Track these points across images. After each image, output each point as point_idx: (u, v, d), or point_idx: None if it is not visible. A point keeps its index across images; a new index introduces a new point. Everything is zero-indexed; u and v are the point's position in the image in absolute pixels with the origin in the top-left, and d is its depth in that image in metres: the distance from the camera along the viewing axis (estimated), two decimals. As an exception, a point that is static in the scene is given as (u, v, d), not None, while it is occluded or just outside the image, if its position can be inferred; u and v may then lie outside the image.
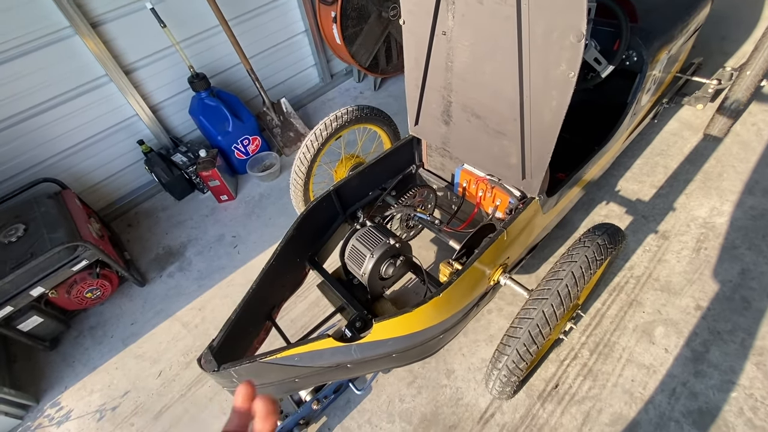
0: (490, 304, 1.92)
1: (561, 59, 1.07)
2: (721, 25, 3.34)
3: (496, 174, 1.55)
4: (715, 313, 1.74)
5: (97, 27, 2.20)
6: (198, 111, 2.60)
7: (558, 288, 1.10)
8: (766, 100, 2.61)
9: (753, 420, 1.46)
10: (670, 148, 2.46)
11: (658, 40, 1.87)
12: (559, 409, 1.57)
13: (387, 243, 1.43)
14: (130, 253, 2.44)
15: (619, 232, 1.31)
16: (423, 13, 1.33)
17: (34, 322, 1.94)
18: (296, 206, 1.97)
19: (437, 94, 1.51)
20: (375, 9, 2.94)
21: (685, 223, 2.07)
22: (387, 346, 1.33)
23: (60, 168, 2.41)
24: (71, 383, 1.94)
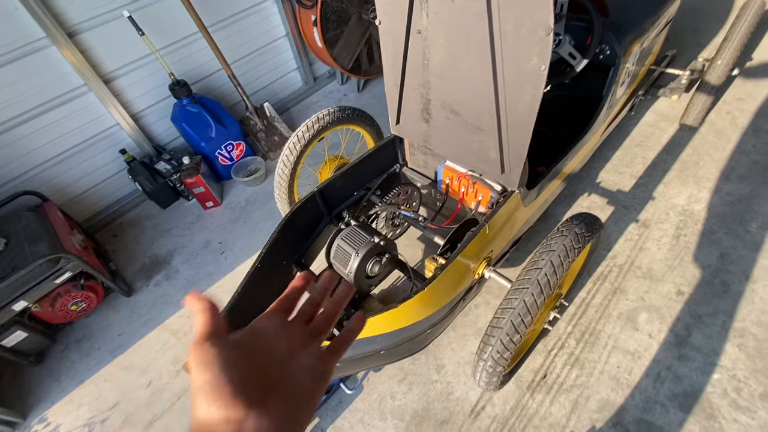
0: (477, 298, 1.94)
1: (532, 53, 1.09)
2: (694, 17, 3.43)
3: (476, 169, 1.57)
4: (696, 298, 1.78)
5: (74, 36, 2.18)
6: (180, 118, 2.59)
7: (537, 277, 1.13)
8: (739, 89, 2.68)
9: (737, 400, 1.50)
10: (647, 139, 2.51)
11: (630, 33, 1.92)
12: (548, 399, 1.59)
13: (372, 241, 1.44)
14: (116, 263, 2.41)
15: (596, 221, 1.33)
16: (398, 12, 1.34)
17: (18, 337, 1.91)
18: (282, 209, 1.97)
19: (416, 92, 1.52)
20: (355, 11, 2.96)
21: (665, 211, 2.11)
22: (375, 344, 1.34)
23: (41, 180, 2.37)
24: (58, 398, 1.91)
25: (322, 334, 0.48)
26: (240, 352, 0.40)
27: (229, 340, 0.41)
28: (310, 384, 0.42)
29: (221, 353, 0.38)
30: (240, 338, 0.42)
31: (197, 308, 0.42)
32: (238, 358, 0.39)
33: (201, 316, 0.42)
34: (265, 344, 0.43)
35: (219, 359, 0.38)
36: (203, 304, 0.43)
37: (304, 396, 0.41)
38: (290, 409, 0.39)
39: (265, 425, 0.37)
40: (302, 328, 0.47)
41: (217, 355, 0.38)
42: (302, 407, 0.41)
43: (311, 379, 0.43)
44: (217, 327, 0.41)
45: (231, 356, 0.39)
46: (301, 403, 0.41)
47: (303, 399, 0.41)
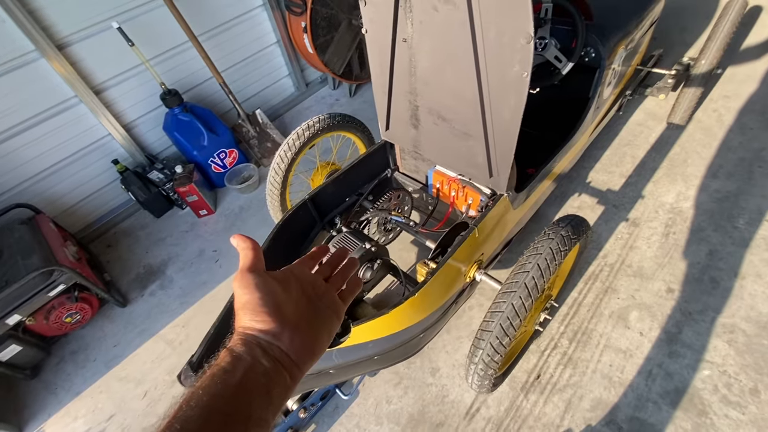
0: (471, 300, 1.95)
1: (514, 61, 1.11)
2: (680, 16, 3.47)
3: (465, 174, 1.59)
4: (685, 295, 1.80)
5: (63, 49, 2.18)
6: (172, 127, 2.60)
7: (525, 280, 1.14)
8: (725, 87, 2.72)
9: (728, 396, 1.52)
10: (636, 138, 2.54)
11: (614, 36, 1.94)
12: (542, 399, 1.61)
13: (363, 247, 1.45)
14: (111, 273, 2.41)
15: (583, 223, 1.35)
16: (383, 21, 1.36)
17: (13, 351, 1.90)
18: (274, 217, 1.98)
19: (404, 99, 1.54)
20: (345, 17, 2.98)
21: (654, 209, 2.14)
22: (368, 349, 1.35)
23: (33, 192, 2.37)
24: (54, 411, 1.91)
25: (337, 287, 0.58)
26: (277, 283, 0.49)
27: (268, 273, 0.49)
28: (329, 320, 0.52)
29: (262, 282, 0.47)
30: (277, 274, 0.51)
31: (242, 246, 0.50)
32: (276, 288, 0.48)
33: (246, 252, 0.50)
34: (297, 283, 0.52)
35: (261, 286, 0.47)
36: (247, 243, 0.50)
37: (326, 324, 0.52)
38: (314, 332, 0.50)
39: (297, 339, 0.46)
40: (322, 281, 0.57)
41: (259, 283, 0.47)
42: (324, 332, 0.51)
43: (329, 317, 0.53)
44: (259, 263, 0.50)
45: (270, 285, 0.48)
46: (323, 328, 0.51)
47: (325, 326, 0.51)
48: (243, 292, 0.46)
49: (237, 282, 0.47)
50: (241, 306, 0.46)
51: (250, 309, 0.45)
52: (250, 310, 0.45)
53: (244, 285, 0.47)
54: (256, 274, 0.48)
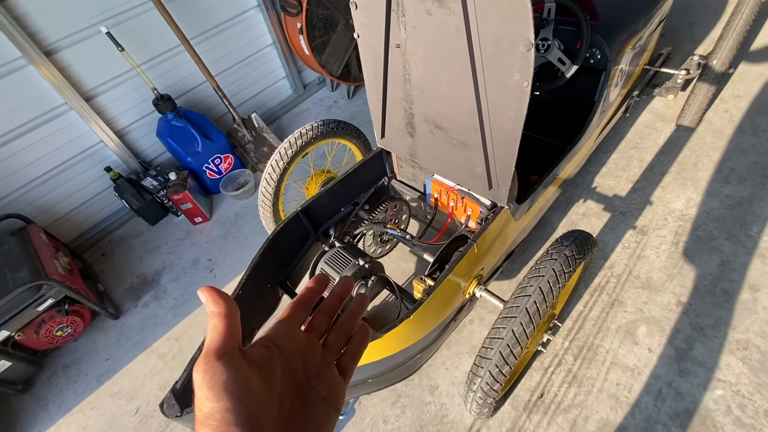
0: (471, 314, 1.88)
1: (513, 69, 1.03)
2: (689, 12, 3.36)
3: (464, 184, 1.51)
4: (696, 308, 1.72)
5: (51, 55, 2.13)
6: (165, 133, 2.54)
7: (526, 305, 1.07)
8: (736, 87, 2.61)
9: (741, 418, 1.44)
10: (644, 141, 2.45)
11: (621, 35, 1.85)
12: (546, 420, 1.54)
13: (356, 264, 1.39)
14: (104, 284, 2.36)
15: (589, 240, 1.28)
16: (375, 26, 1.29)
17: (2, 366, 1.86)
18: (267, 228, 1.92)
19: (399, 106, 1.47)
20: (342, 17, 2.90)
21: (663, 216, 2.05)
22: (362, 372, 1.29)
23: (24, 202, 2.33)
24: (46, 427, 1.86)
25: (336, 353, 0.44)
26: (257, 374, 0.34)
27: (245, 358, 0.35)
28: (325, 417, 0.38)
29: (238, 377, 0.32)
30: (258, 355, 0.36)
31: (213, 311, 0.35)
32: (253, 383, 0.33)
33: (218, 323, 0.35)
34: (282, 366, 0.38)
35: (235, 385, 0.32)
36: (220, 306, 0.36)
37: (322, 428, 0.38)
38: None
39: None
40: (318, 348, 0.42)
41: (230, 380, 0.32)
42: None
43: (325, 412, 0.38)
44: (233, 339, 0.35)
45: (245, 380, 0.33)
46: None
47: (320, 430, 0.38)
48: (206, 394, 0.31)
49: (200, 374, 0.32)
50: (206, 416, 0.31)
51: (218, 422, 0.30)
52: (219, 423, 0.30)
53: (208, 383, 0.32)
54: (227, 362, 0.33)
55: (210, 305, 0.36)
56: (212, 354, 0.33)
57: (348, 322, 0.46)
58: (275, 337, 0.39)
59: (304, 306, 0.44)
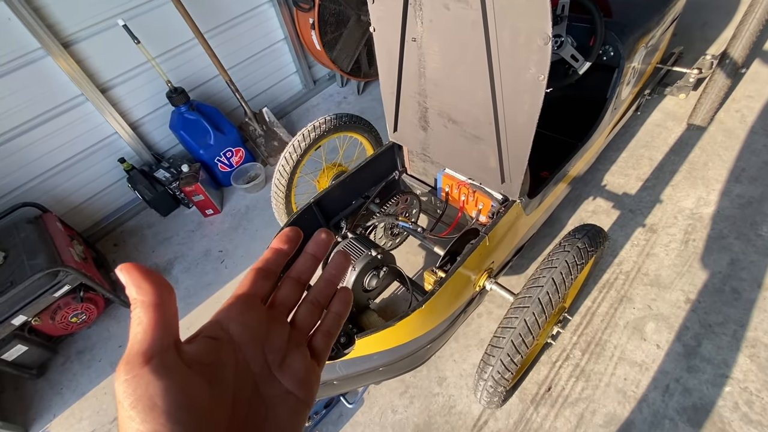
0: (480, 308, 1.90)
1: (530, 62, 1.05)
2: (701, 11, 3.34)
3: (476, 178, 1.53)
4: (705, 306, 1.72)
5: (69, 47, 2.16)
6: (178, 126, 2.57)
7: (539, 296, 1.08)
8: (748, 87, 2.60)
9: (749, 414, 1.45)
10: (654, 140, 2.45)
11: (634, 33, 1.85)
12: (553, 413, 1.55)
13: (369, 255, 1.41)
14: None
15: (601, 233, 1.29)
16: (392, 19, 1.30)
17: (19, 350, 1.90)
18: (279, 220, 1.94)
19: (413, 100, 1.48)
20: (353, 13, 2.92)
21: (673, 215, 2.05)
22: (372, 361, 1.31)
23: (40, 191, 2.37)
24: (60, 411, 1.91)
25: (308, 331, 0.35)
26: (200, 377, 0.26)
27: (183, 359, 0.27)
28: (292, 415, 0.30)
29: (172, 387, 0.25)
30: (199, 353, 0.28)
31: (137, 300, 0.26)
32: (197, 392, 0.26)
33: (143, 315, 0.26)
34: (236, 359, 0.30)
35: (168, 397, 0.24)
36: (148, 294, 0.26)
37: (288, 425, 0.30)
38: None
39: None
40: (283, 328, 0.33)
41: (165, 391, 0.24)
42: None
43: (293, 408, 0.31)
44: (167, 336, 0.26)
45: (186, 390, 0.25)
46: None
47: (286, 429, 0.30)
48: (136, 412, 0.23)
49: (121, 385, 0.24)
50: None
51: None
52: None
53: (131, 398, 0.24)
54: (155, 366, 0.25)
55: (132, 290, 0.26)
56: (136, 357, 0.25)
57: (324, 290, 0.37)
58: (226, 321, 0.31)
59: (267, 274, 0.34)
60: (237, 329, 0.31)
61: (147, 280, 0.27)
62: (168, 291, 0.27)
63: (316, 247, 0.37)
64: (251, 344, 0.31)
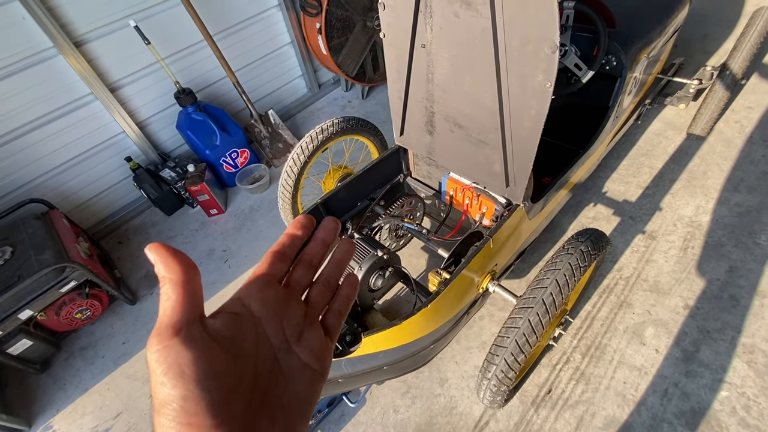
0: (481, 311, 1.92)
1: (537, 70, 1.08)
2: (702, 23, 3.39)
3: (480, 182, 1.56)
4: (704, 312, 1.75)
5: (80, 46, 2.19)
6: (185, 126, 2.60)
7: (543, 296, 1.11)
8: (748, 98, 2.64)
9: (746, 419, 1.47)
10: (654, 148, 2.49)
11: (637, 43, 1.90)
12: (553, 415, 1.57)
13: (375, 255, 1.43)
14: (121, 270, 2.42)
15: (603, 237, 1.32)
16: (402, 26, 1.34)
17: (24, 345, 1.92)
18: (285, 220, 1.97)
19: (420, 105, 1.52)
20: (360, 19, 2.96)
21: (672, 222, 2.09)
22: (377, 359, 1.33)
23: (47, 188, 2.39)
24: (63, 406, 1.92)
25: (321, 309, 0.38)
26: (223, 350, 0.29)
27: (208, 332, 0.29)
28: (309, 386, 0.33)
29: (199, 357, 0.27)
30: (223, 326, 0.31)
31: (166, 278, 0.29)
32: (221, 362, 0.28)
33: (171, 291, 0.29)
34: (256, 333, 0.32)
35: (195, 367, 0.27)
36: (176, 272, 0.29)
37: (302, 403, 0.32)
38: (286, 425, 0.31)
39: None
40: (299, 306, 0.36)
41: (193, 360, 0.27)
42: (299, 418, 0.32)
43: (310, 379, 0.34)
44: (194, 310, 0.29)
45: (211, 360, 0.28)
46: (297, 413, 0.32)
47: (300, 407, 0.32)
48: (161, 379, 0.26)
49: (153, 355, 0.27)
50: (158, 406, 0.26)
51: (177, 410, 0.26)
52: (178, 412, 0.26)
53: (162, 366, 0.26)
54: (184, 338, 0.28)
55: (160, 268, 0.29)
56: (166, 330, 0.28)
57: (333, 272, 0.40)
58: (247, 298, 0.34)
59: (283, 257, 0.37)
60: (257, 305, 0.33)
61: (175, 259, 0.29)
62: (193, 270, 0.30)
63: (325, 234, 0.40)
64: (271, 319, 0.34)
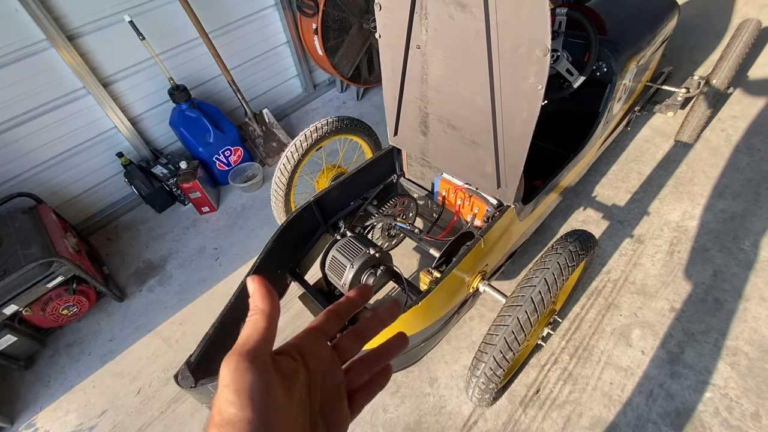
0: (472, 311, 1.93)
1: (529, 72, 1.10)
2: (691, 34, 3.48)
3: (473, 183, 1.58)
4: (689, 315, 1.78)
5: (74, 40, 2.18)
6: (178, 123, 2.59)
7: (531, 295, 1.13)
8: (734, 107, 2.71)
9: (729, 420, 1.50)
10: (643, 155, 2.54)
11: (627, 51, 1.94)
12: (541, 414, 1.59)
13: (367, 253, 1.44)
14: (109, 267, 2.39)
15: (591, 239, 1.34)
16: (398, 27, 1.35)
17: (8, 341, 1.88)
18: (278, 218, 1.97)
19: (414, 105, 1.53)
20: (356, 21, 2.98)
21: (659, 227, 2.13)
22: (367, 357, 1.34)
23: (36, 182, 2.36)
24: (47, 403, 1.88)
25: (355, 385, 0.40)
26: (280, 387, 0.32)
27: (275, 366, 0.33)
28: None
29: (265, 387, 0.31)
30: (284, 365, 0.34)
31: (259, 308, 0.34)
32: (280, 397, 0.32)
33: (260, 321, 0.33)
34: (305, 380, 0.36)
35: (261, 395, 0.30)
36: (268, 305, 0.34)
37: None
38: None
39: None
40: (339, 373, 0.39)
41: (260, 388, 0.30)
42: None
43: None
44: (270, 344, 0.33)
45: (274, 393, 0.31)
46: None
47: None
48: (231, 398, 0.30)
49: (229, 373, 0.31)
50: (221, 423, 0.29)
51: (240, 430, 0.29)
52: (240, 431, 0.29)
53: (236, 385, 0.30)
54: (258, 367, 0.31)
55: (257, 299, 0.34)
56: (246, 353, 0.31)
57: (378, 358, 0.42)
58: (303, 348, 0.37)
59: (339, 317, 0.40)
60: (311, 358, 0.37)
61: (270, 295, 0.35)
62: (278, 309, 0.35)
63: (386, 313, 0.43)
64: (317, 376, 0.37)
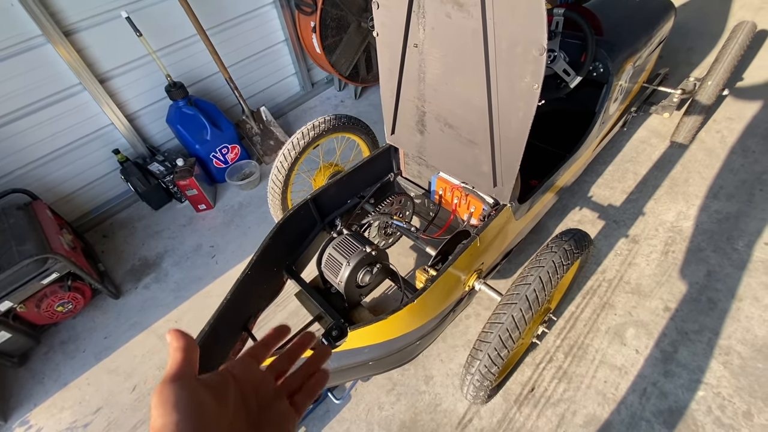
0: (467, 310, 1.94)
1: (525, 72, 1.11)
2: (687, 36, 3.50)
3: (469, 182, 1.58)
4: (683, 314, 1.80)
5: (70, 35, 2.17)
6: (175, 120, 2.58)
7: (526, 293, 1.13)
8: (729, 109, 2.73)
9: (721, 418, 1.51)
10: (639, 155, 2.55)
11: (623, 52, 1.95)
12: (535, 412, 1.59)
13: (363, 251, 1.44)
14: (105, 264, 2.38)
15: (586, 237, 1.35)
16: (395, 25, 1.36)
17: (2, 337, 1.88)
18: (274, 215, 1.97)
19: (411, 104, 1.54)
20: (354, 19, 2.98)
21: (654, 227, 2.14)
22: (363, 354, 1.34)
23: (32, 178, 2.35)
24: (41, 400, 1.88)
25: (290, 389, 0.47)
26: (210, 395, 0.38)
27: (198, 381, 0.38)
28: None
29: (186, 396, 0.36)
30: (210, 380, 0.40)
31: (175, 346, 0.40)
32: (205, 402, 0.37)
33: (177, 354, 0.39)
34: (236, 389, 0.41)
35: (182, 403, 0.35)
36: (182, 342, 0.40)
37: None
38: None
39: None
40: (272, 380, 0.46)
41: (180, 399, 0.35)
42: None
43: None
44: (188, 367, 0.39)
45: (197, 399, 0.36)
46: None
47: None
48: (158, 413, 0.35)
49: (158, 396, 0.36)
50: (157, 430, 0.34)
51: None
52: None
53: (160, 402, 0.35)
54: (180, 385, 0.37)
55: (173, 341, 0.40)
56: (168, 379, 0.37)
57: (308, 367, 0.50)
58: (231, 367, 0.44)
59: (264, 346, 0.49)
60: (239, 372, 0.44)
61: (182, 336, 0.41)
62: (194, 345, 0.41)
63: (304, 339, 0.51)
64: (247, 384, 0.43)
